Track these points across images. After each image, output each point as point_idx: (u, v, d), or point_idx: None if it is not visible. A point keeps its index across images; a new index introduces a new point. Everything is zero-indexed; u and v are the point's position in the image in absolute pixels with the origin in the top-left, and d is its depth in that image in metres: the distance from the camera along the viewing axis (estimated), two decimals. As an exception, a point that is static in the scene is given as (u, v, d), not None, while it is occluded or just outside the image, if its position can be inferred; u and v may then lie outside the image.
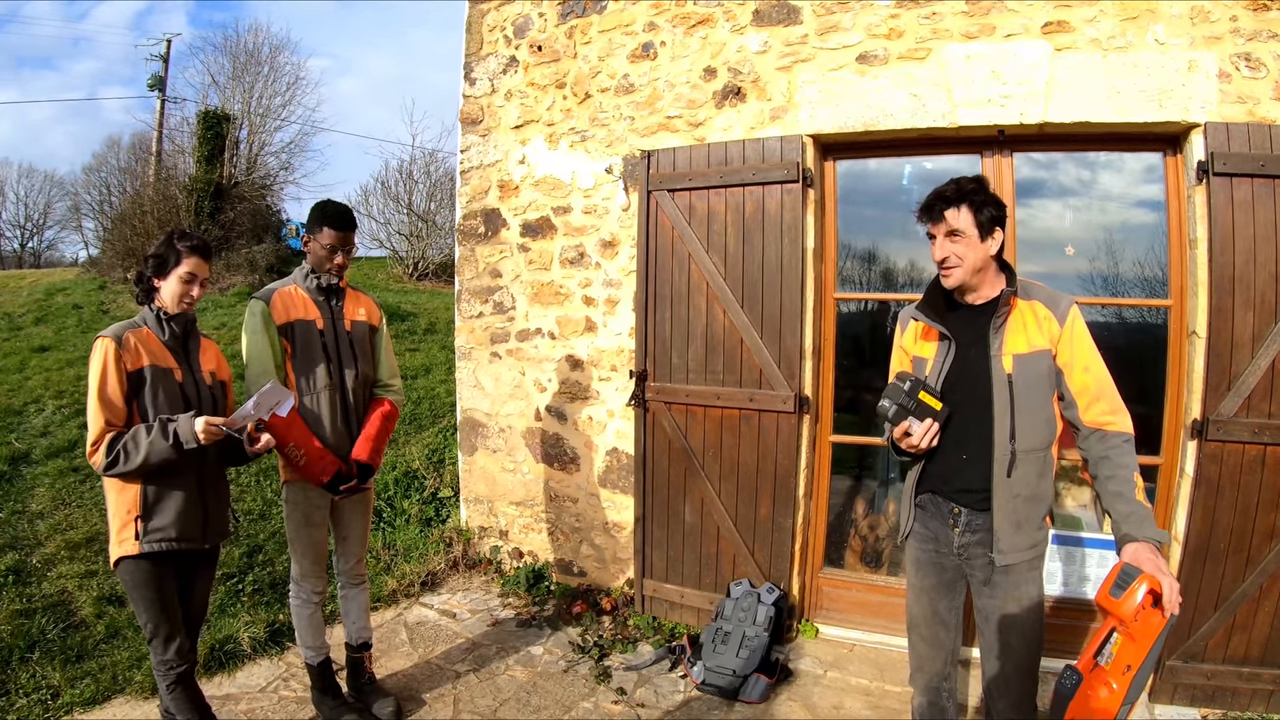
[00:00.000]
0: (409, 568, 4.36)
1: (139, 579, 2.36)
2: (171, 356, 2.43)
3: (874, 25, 3.41)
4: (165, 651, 2.42)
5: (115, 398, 2.28)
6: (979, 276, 2.11)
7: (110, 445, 2.25)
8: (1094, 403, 2.02)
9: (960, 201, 2.05)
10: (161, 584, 2.38)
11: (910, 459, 2.23)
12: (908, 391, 2.07)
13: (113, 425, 2.28)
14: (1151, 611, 1.71)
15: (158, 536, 2.34)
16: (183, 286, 2.42)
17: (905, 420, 2.07)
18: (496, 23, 4.43)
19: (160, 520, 2.35)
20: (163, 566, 2.38)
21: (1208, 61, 2.98)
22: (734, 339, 3.63)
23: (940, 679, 2.29)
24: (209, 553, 2.58)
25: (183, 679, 2.48)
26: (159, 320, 2.43)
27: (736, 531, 3.68)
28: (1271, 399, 2.86)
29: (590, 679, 3.36)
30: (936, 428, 2.08)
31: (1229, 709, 2.98)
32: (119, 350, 2.29)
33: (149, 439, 2.25)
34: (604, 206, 4.12)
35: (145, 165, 18.20)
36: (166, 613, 2.40)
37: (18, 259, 29.56)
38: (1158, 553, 1.82)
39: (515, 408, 4.50)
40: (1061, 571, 3.42)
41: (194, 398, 2.45)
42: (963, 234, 2.06)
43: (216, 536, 2.55)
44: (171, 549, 2.37)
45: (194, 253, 2.42)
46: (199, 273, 2.45)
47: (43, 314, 10.25)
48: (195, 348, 2.54)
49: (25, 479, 5.19)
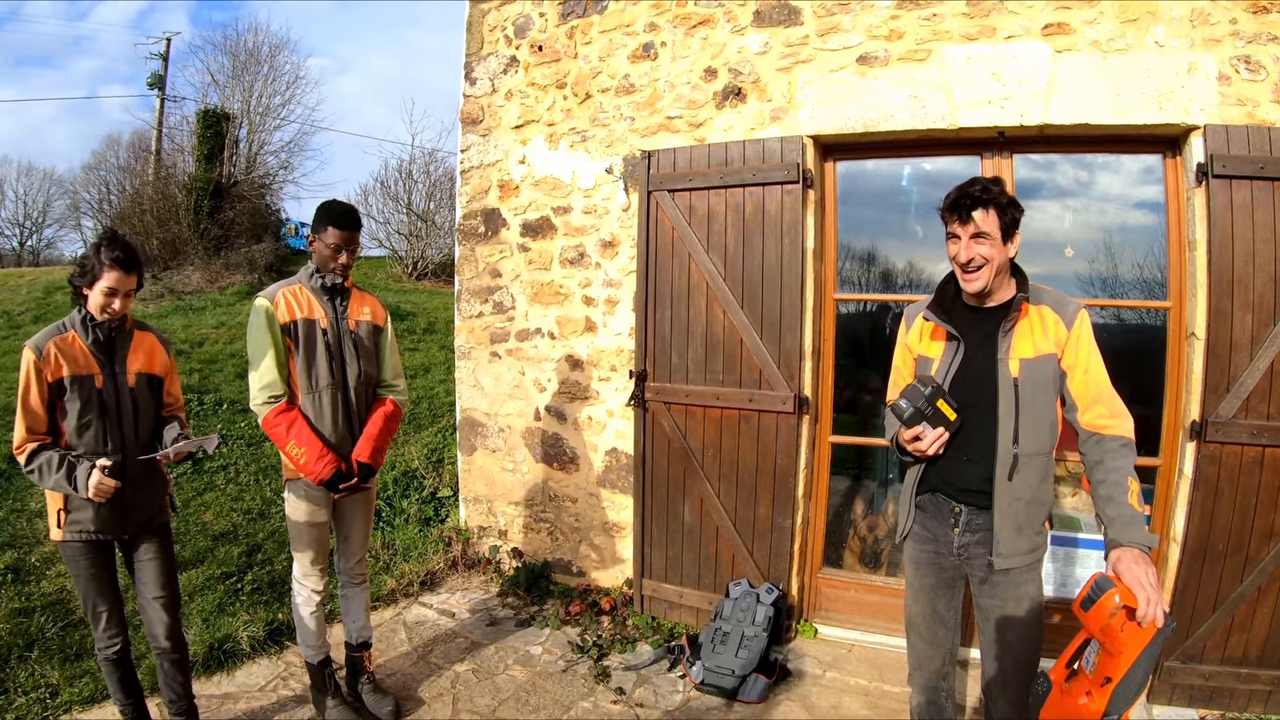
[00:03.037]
0: (408, 567, 4.36)
1: (68, 557, 2.52)
2: (95, 361, 2.46)
3: (874, 26, 3.41)
4: (95, 629, 2.57)
5: (36, 407, 2.37)
6: (998, 279, 2.10)
7: (30, 456, 2.37)
8: (1092, 405, 2.02)
9: (989, 203, 2.03)
10: (89, 564, 2.49)
11: (912, 461, 2.23)
12: (928, 397, 2.05)
13: (34, 432, 2.38)
14: (1132, 625, 1.65)
15: (76, 528, 2.45)
16: (103, 299, 2.42)
17: (919, 425, 2.07)
18: (497, 22, 4.43)
19: (78, 515, 2.44)
20: (92, 549, 2.49)
21: (1208, 64, 2.98)
22: (734, 339, 3.64)
23: (939, 678, 2.29)
24: (140, 537, 2.62)
25: (114, 661, 2.60)
26: (85, 324, 2.46)
27: (735, 531, 3.68)
28: (1270, 401, 2.86)
29: (589, 679, 3.36)
30: (946, 437, 2.08)
31: (1227, 710, 2.99)
32: (39, 361, 2.35)
33: (55, 475, 2.35)
34: (604, 206, 4.12)
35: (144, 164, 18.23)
36: (97, 592, 2.53)
37: (17, 257, 29.51)
38: (1144, 559, 1.77)
39: (515, 407, 4.50)
40: (1060, 572, 3.43)
41: (112, 403, 2.48)
42: (989, 236, 2.04)
43: (138, 526, 2.59)
44: (89, 539, 2.47)
45: (115, 265, 2.40)
46: (120, 287, 2.43)
47: (42, 312, 10.25)
48: (124, 349, 2.55)
49: (24, 478, 5.18)
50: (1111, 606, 1.65)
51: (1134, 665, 1.64)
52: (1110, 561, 1.81)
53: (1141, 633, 1.65)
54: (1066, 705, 1.71)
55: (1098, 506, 1.96)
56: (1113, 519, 1.89)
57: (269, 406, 2.73)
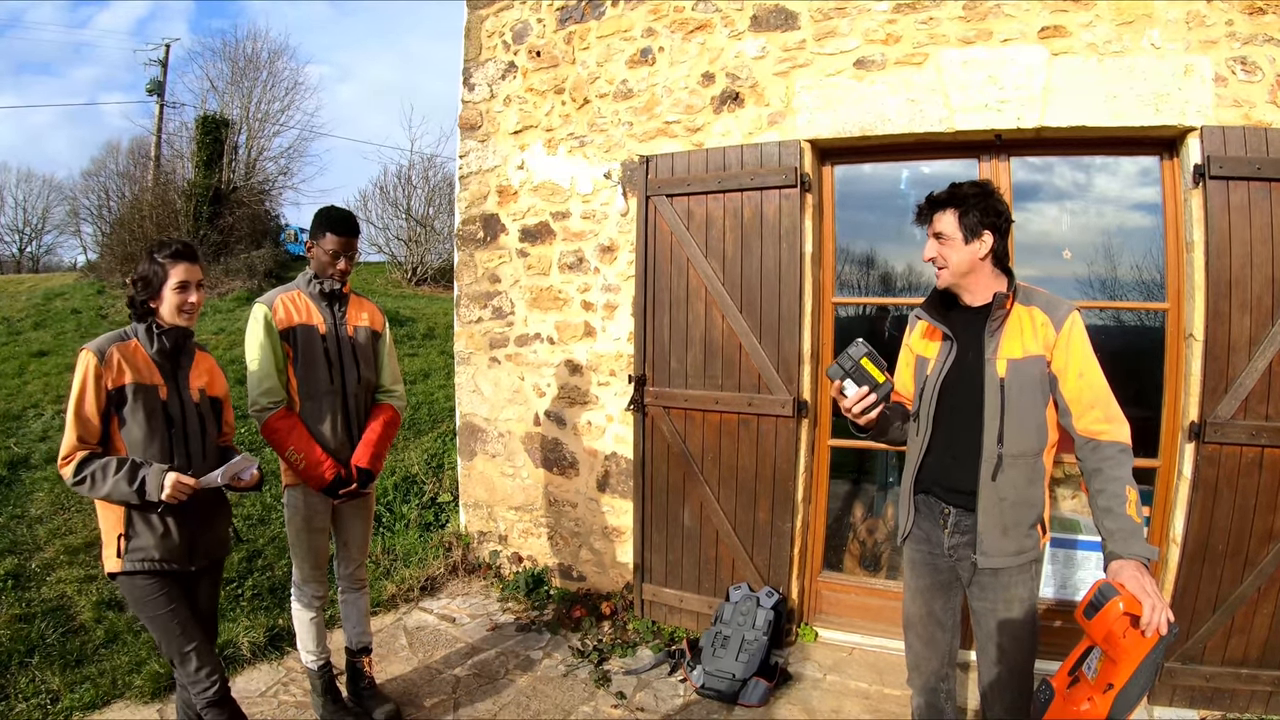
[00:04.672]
0: (408, 572, 4.36)
1: (137, 595, 2.27)
2: (158, 372, 2.31)
3: (871, 31, 3.42)
4: (184, 672, 2.29)
5: (91, 415, 2.19)
6: (970, 279, 2.13)
7: (80, 465, 2.17)
8: (1087, 410, 2.01)
9: (946, 205, 2.11)
10: (166, 599, 2.27)
11: (867, 435, 2.18)
12: (854, 358, 2.03)
13: (85, 442, 2.20)
14: (1135, 633, 1.65)
15: (139, 556, 2.24)
16: (179, 296, 2.31)
17: (840, 380, 2.05)
18: (495, 28, 4.44)
19: (141, 541, 2.24)
20: (165, 582, 2.27)
21: (1204, 65, 2.99)
22: (732, 344, 3.64)
23: (938, 679, 2.29)
24: (203, 571, 2.43)
25: (215, 703, 2.32)
26: (150, 333, 2.32)
27: (735, 536, 3.68)
28: (1269, 401, 2.86)
29: (590, 683, 3.36)
30: (872, 398, 2.03)
31: (1228, 711, 2.99)
32: (100, 366, 2.19)
33: (115, 477, 2.15)
34: (602, 212, 4.13)
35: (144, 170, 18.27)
36: (181, 629, 2.28)
37: (16, 264, 29.55)
38: (1144, 571, 1.77)
39: (514, 413, 4.50)
40: (1060, 574, 3.43)
41: (178, 417, 2.33)
42: (946, 237, 2.11)
43: (205, 559, 2.40)
44: (154, 569, 2.26)
45: (179, 258, 2.30)
46: (190, 278, 2.32)
47: (41, 319, 10.26)
48: (187, 363, 2.42)
49: (24, 483, 5.19)
50: (1115, 614, 1.65)
51: (1136, 672, 1.65)
52: (1110, 572, 1.81)
53: (1144, 640, 1.65)
54: (1069, 712, 1.71)
55: (1096, 518, 1.95)
56: (1112, 532, 1.88)
57: (268, 412, 2.73)
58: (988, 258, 2.11)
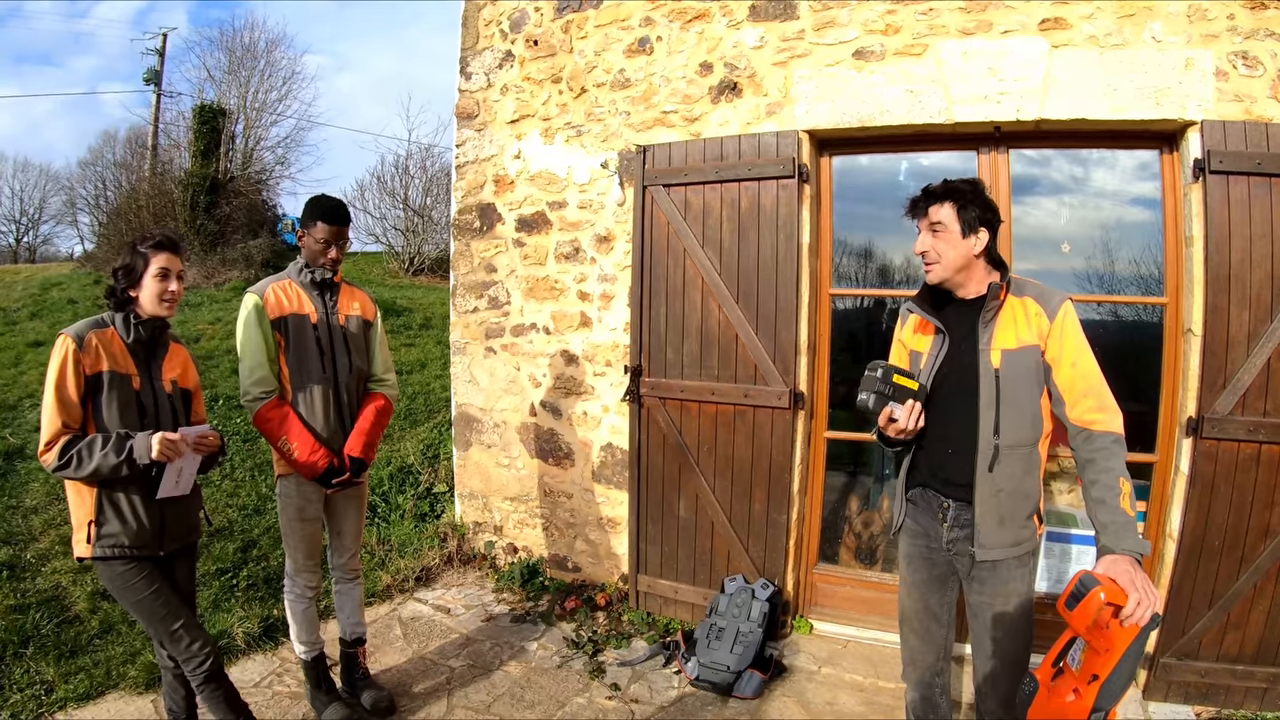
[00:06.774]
0: (403, 563, 4.36)
1: (116, 582, 2.31)
2: (133, 362, 2.34)
3: (871, 21, 3.40)
4: (177, 649, 2.33)
5: (72, 399, 2.21)
6: (964, 274, 2.12)
7: (65, 447, 2.18)
8: (1081, 399, 2.00)
9: (945, 198, 2.09)
10: (146, 582, 2.31)
11: (902, 447, 2.23)
12: (881, 379, 2.07)
13: (69, 427, 2.21)
14: (1116, 623, 1.65)
15: (109, 542, 2.27)
16: (160, 284, 2.33)
17: (887, 406, 2.08)
18: (492, 17, 4.41)
19: (111, 527, 2.28)
20: (141, 566, 2.31)
21: (1205, 59, 2.97)
22: (729, 334, 3.63)
23: (933, 674, 2.29)
24: (175, 556, 2.45)
25: (212, 677, 2.37)
26: (126, 322, 2.34)
27: (731, 527, 3.68)
28: (1267, 397, 2.86)
29: (584, 674, 3.36)
30: (920, 407, 2.08)
31: (1222, 707, 2.99)
32: (79, 352, 2.21)
33: (102, 451, 2.18)
34: (599, 201, 4.11)
35: (141, 160, 18.20)
36: (166, 608, 2.32)
37: (13, 254, 29.44)
38: (1136, 566, 1.76)
39: (510, 403, 4.49)
40: (1055, 568, 3.42)
41: (150, 407, 2.36)
42: (944, 227, 2.08)
43: (176, 543, 2.43)
44: (124, 554, 2.29)
45: (160, 248, 2.33)
46: (172, 266, 2.34)
47: (38, 309, 10.22)
48: (161, 354, 2.44)
49: (19, 474, 5.17)
50: (1097, 605, 1.64)
51: (1120, 662, 1.64)
52: (1102, 566, 1.80)
53: (1126, 630, 1.64)
54: (1053, 704, 1.71)
55: (1089, 509, 1.94)
56: (1105, 525, 1.87)
57: (260, 402, 2.72)
58: (982, 255, 2.11)
